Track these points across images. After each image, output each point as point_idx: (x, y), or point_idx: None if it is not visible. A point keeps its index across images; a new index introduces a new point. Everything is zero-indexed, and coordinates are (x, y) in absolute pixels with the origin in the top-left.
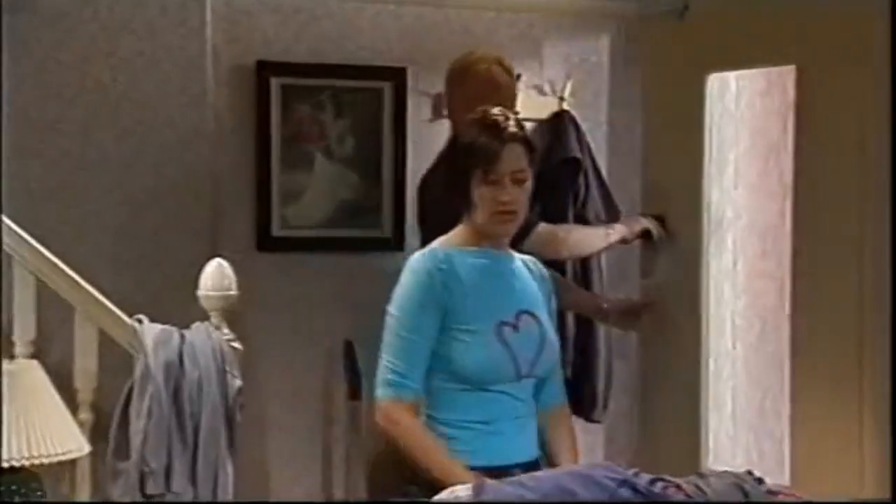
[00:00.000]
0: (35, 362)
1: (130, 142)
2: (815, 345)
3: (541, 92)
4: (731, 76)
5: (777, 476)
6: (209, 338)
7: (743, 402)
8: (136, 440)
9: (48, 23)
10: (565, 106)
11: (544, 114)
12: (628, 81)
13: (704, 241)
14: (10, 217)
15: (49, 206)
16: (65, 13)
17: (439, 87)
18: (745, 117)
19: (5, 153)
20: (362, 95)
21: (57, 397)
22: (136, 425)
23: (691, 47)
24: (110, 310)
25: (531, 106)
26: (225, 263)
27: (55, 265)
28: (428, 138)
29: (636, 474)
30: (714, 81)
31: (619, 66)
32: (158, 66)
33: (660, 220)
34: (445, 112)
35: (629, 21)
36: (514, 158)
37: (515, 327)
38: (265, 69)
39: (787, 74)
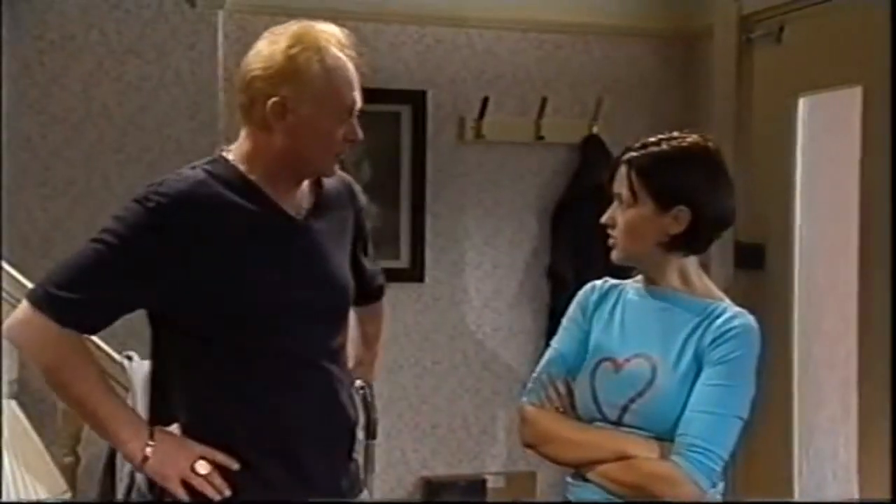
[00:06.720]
0: (13, 402)
1: (137, 169)
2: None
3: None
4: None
5: None
6: None
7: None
8: (122, 485)
9: (53, 46)
10: (595, 130)
11: (575, 138)
12: (669, 102)
13: (796, 269)
14: (8, 253)
15: (52, 236)
16: (71, 36)
17: (462, 110)
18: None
19: (5, 181)
20: (380, 119)
21: (36, 439)
22: (123, 470)
23: (784, 70)
24: (98, 345)
25: (560, 130)
26: None
27: None
28: (450, 164)
29: None
30: (805, 104)
31: (659, 86)
32: (167, 91)
33: (758, 249)
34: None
35: (664, 39)
36: None
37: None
38: None
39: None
